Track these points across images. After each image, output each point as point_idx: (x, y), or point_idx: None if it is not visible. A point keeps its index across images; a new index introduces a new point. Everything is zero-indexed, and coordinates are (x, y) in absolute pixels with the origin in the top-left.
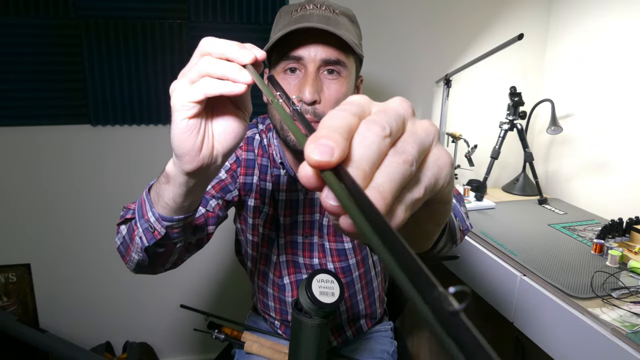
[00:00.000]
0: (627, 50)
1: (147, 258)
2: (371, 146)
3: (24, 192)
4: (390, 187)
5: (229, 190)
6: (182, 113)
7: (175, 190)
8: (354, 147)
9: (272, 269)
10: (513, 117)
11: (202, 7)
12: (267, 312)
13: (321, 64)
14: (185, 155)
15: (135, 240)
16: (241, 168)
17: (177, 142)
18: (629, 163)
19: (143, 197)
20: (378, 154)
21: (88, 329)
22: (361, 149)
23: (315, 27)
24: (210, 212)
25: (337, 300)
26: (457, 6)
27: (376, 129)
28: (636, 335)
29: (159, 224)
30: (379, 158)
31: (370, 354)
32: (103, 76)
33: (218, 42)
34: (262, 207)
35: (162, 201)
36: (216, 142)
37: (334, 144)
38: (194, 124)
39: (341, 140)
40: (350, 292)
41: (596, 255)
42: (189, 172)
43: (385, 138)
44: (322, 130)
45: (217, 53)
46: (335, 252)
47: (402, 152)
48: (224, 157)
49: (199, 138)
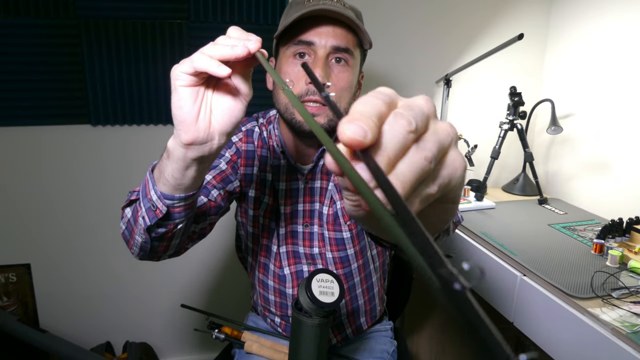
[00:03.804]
0: (627, 50)
1: (149, 240)
2: (398, 137)
3: (24, 192)
4: (410, 178)
5: (230, 181)
6: (175, 82)
7: (174, 165)
8: (383, 135)
9: (272, 259)
10: (513, 117)
11: (202, 7)
12: (268, 307)
13: (331, 50)
14: (182, 123)
15: (139, 221)
16: (241, 159)
17: (174, 108)
18: (629, 163)
19: (147, 177)
20: (403, 145)
21: (88, 329)
22: (389, 138)
23: (330, 9)
24: (212, 202)
25: (337, 299)
26: (457, 6)
27: (404, 123)
28: (636, 335)
29: (160, 202)
30: (402, 150)
31: (370, 353)
32: (103, 76)
33: (230, 32)
34: (263, 198)
35: (163, 177)
36: (213, 119)
37: (368, 127)
38: (190, 93)
39: (373, 126)
40: (349, 285)
41: (596, 255)
42: (185, 143)
43: (410, 133)
44: (356, 114)
45: (220, 42)
46: (334, 241)
47: (424, 148)
48: (220, 136)
49: (194, 108)
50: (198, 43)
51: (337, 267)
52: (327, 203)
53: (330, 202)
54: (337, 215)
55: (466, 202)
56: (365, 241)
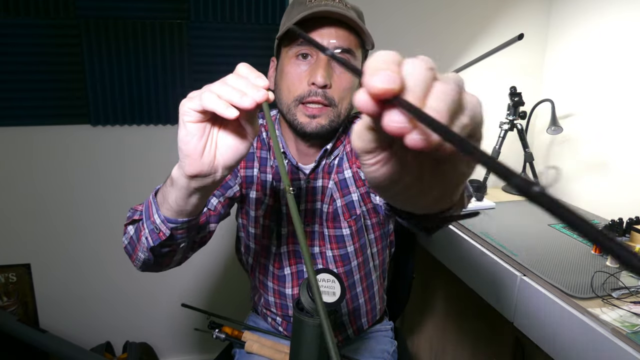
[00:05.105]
0: (627, 50)
1: (152, 257)
2: (420, 76)
3: (25, 192)
4: (444, 109)
5: (229, 187)
6: (183, 117)
7: (178, 194)
8: (406, 78)
9: (272, 261)
10: (513, 117)
11: (202, 7)
12: (268, 308)
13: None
14: (187, 157)
15: (142, 240)
16: (241, 162)
17: (180, 142)
18: (629, 163)
19: (150, 200)
20: (427, 83)
21: (88, 329)
22: (412, 79)
23: (332, 10)
24: (212, 211)
25: (339, 299)
26: (457, 6)
27: (420, 62)
28: (636, 335)
29: (164, 226)
30: (427, 87)
31: (371, 353)
32: (103, 76)
33: (240, 69)
34: (264, 199)
35: (167, 203)
36: (218, 154)
37: (395, 73)
38: (197, 129)
39: (398, 71)
40: (349, 283)
41: (596, 255)
42: (190, 175)
43: (429, 69)
44: (377, 63)
45: (230, 83)
46: (334, 238)
47: (445, 82)
48: (223, 170)
49: (200, 143)
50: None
51: (337, 265)
52: (327, 201)
53: (330, 200)
54: (337, 212)
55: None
56: (366, 238)
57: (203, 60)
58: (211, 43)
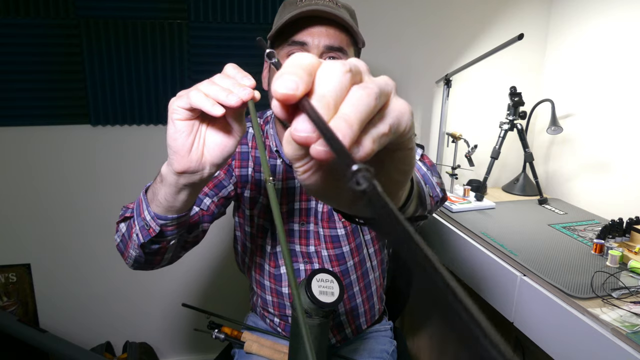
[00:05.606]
0: (627, 50)
1: (143, 254)
2: (333, 80)
3: (25, 192)
4: (355, 116)
5: (223, 187)
6: (172, 115)
7: (167, 190)
8: (318, 82)
9: (267, 260)
10: (513, 117)
11: (202, 7)
12: (266, 308)
13: (324, 50)
14: (175, 154)
15: (133, 237)
16: (236, 161)
17: (169, 139)
18: (629, 163)
19: (140, 197)
20: (340, 87)
21: (88, 328)
22: (324, 83)
23: (322, 9)
24: (205, 211)
25: (337, 299)
26: (457, 6)
27: (337, 65)
28: (636, 335)
29: (154, 222)
30: (341, 91)
31: (370, 353)
32: (103, 76)
33: (227, 70)
34: (258, 198)
35: (157, 200)
36: (206, 151)
37: (298, 78)
38: (185, 126)
39: (304, 75)
40: (346, 283)
41: (596, 255)
42: (178, 171)
43: (346, 73)
44: (286, 67)
45: (217, 82)
46: (329, 238)
47: (365, 87)
48: (210, 167)
49: (188, 140)
50: (198, 43)
51: (333, 265)
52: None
53: None
54: (332, 212)
55: (466, 202)
56: (361, 238)
57: (203, 60)
58: (211, 43)
